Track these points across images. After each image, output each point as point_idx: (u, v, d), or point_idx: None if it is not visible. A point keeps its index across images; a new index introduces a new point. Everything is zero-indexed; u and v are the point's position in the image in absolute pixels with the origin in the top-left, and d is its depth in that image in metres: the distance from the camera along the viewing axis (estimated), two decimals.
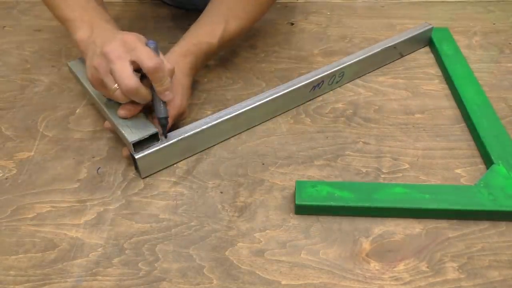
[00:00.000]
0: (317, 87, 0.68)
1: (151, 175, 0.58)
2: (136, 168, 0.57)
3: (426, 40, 0.81)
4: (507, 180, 0.55)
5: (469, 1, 0.94)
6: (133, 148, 0.55)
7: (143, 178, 0.58)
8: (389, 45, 0.74)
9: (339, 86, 0.72)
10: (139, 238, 0.52)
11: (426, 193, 0.53)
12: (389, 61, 0.77)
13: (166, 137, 0.57)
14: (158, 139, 0.57)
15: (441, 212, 0.52)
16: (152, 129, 0.55)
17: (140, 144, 0.55)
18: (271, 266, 0.49)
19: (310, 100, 0.69)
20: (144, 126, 0.56)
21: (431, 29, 0.79)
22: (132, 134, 0.55)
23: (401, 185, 0.54)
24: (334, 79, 0.70)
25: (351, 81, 0.73)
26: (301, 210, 0.53)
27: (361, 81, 0.73)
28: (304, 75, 0.68)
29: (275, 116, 0.67)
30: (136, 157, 0.55)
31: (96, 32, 0.57)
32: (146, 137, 0.55)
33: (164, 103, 0.55)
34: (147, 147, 0.56)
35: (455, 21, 0.88)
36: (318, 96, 0.70)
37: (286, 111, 0.68)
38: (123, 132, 0.55)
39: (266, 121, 0.66)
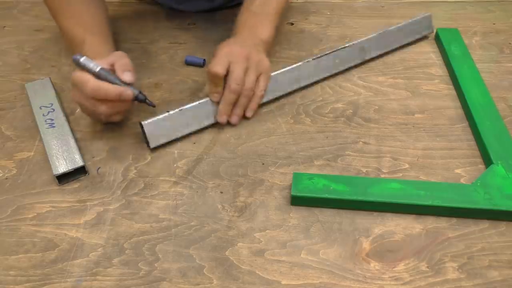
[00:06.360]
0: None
1: (151, 177, 0.59)
2: (146, 138, 0.60)
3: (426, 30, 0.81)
4: (505, 180, 0.55)
5: (469, 1, 0.94)
6: (57, 181, 0.57)
7: (152, 150, 0.58)
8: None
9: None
10: (139, 238, 0.52)
11: (421, 190, 0.53)
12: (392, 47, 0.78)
13: (154, 105, 0.60)
14: (85, 172, 0.58)
15: (435, 208, 0.52)
16: (79, 162, 0.57)
17: (66, 177, 0.57)
18: (271, 266, 0.49)
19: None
20: (72, 158, 0.58)
21: (429, 17, 0.80)
22: (58, 167, 0.57)
23: (397, 181, 0.55)
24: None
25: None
26: (297, 201, 0.54)
27: (361, 81, 0.73)
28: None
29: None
30: (143, 122, 0.59)
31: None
32: (71, 170, 0.57)
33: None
34: (73, 180, 0.58)
35: (455, 21, 0.87)
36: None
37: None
38: (50, 162, 0.57)
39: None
